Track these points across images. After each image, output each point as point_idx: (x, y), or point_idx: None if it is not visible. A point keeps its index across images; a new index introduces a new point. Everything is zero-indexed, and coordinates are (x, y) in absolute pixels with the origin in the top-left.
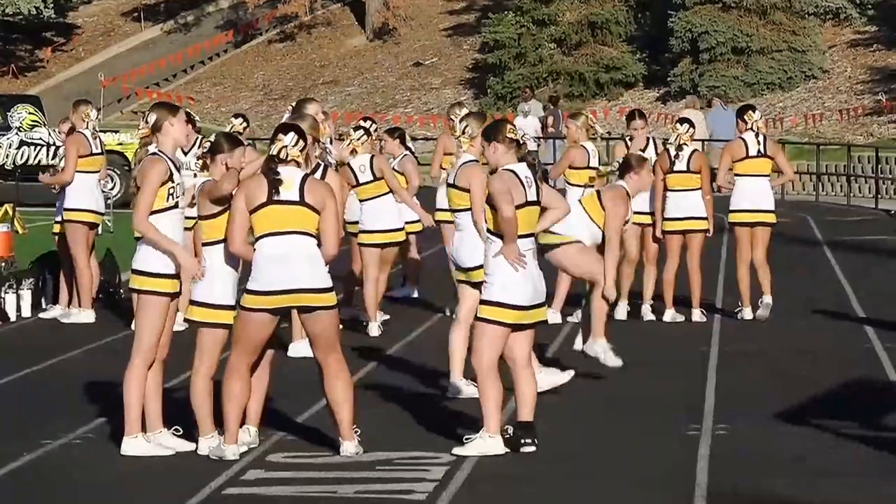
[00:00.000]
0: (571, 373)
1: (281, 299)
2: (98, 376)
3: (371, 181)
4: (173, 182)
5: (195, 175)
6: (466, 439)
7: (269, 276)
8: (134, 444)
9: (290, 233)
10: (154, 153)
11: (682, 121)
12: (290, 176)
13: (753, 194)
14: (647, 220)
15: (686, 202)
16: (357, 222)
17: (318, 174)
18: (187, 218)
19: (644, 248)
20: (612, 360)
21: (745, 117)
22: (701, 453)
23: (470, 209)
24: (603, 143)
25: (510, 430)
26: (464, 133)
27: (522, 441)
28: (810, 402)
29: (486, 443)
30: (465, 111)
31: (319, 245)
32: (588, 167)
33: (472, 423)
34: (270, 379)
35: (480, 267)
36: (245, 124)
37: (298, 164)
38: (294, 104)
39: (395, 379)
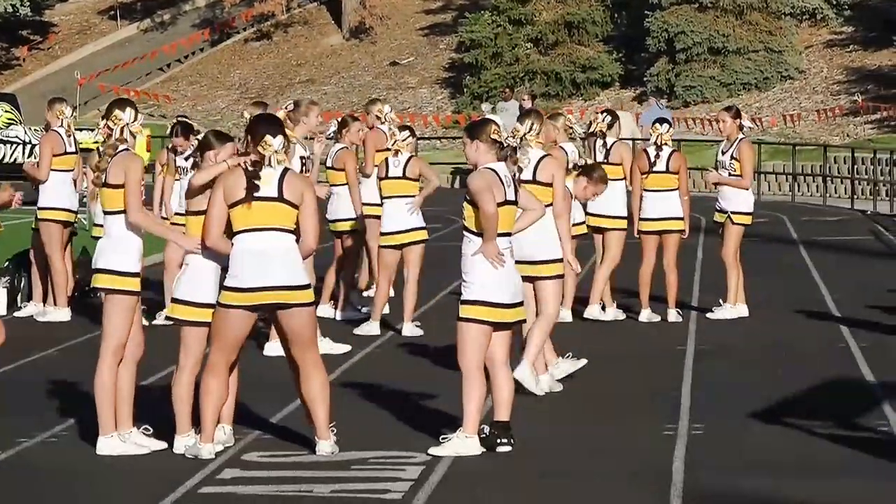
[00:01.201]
0: (584, 361)
1: (258, 296)
2: (73, 375)
3: (399, 178)
4: (143, 181)
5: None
6: (443, 439)
7: (247, 272)
8: (109, 444)
9: (269, 229)
10: (127, 149)
11: (662, 121)
12: (270, 172)
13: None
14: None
15: (663, 203)
16: (348, 220)
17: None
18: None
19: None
20: (534, 388)
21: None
22: (677, 453)
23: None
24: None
25: (486, 429)
26: (530, 130)
27: (499, 441)
28: (786, 401)
29: (463, 443)
30: (385, 107)
31: (298, 240)
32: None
33: (448, 422)
34: (240, 377)
35: (554, 261)
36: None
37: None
38: (294, 102)
39: (370, 377)
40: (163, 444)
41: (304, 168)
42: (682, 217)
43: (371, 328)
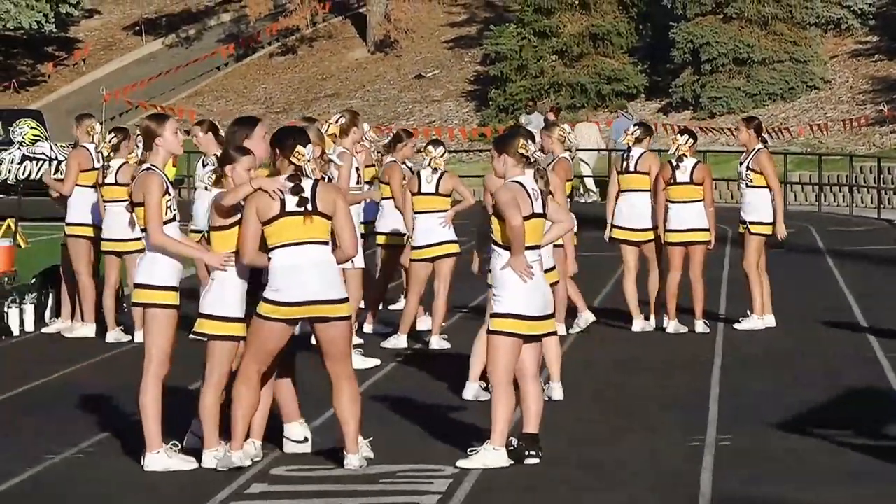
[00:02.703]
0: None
1: (296, 310)
2: (100, 390)
3: (432, 194)
4: (169, 195)
5: (206, 188)
6: (471, 451)
7: (285, 286)
8: (157, 460)
9: (304, 243)
10: (148, 168)
11: (683, 132)
12: (302, 185)
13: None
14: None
15: (688, 214)
16: (384, 234)
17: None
18: (193, 231)
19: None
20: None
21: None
22: (705, 463)
23: None
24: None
25: (515, 441)
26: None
27: (527, 452)
28: (813, 411)
29: (491, 455)
30: (364, 125)
31: (335, 250)
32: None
33: (476, 435)
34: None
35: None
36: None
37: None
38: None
39: (398, 391)
40: (193, 461)
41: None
42: (707, 228)
43: (399, 341)
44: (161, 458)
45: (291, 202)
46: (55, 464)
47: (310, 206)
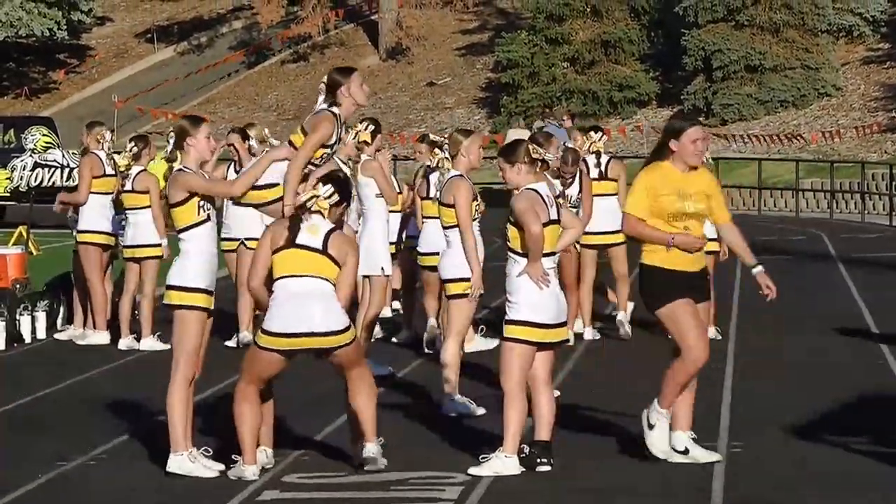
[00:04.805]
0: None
1: (294, 342)
2: (113, 397)
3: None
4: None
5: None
6: (483, 458)
7: (284, 317)
8: (179, 462)
9: (308, 276)
10: (181, 169)
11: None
12: (318, 223)
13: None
14: (605, 239)
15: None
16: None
17: None
18: (225, 239)
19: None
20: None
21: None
22: (716, 470)
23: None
24: None
25: (527, 449)
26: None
27: (539, 460)
28: (825, 417)
29: (502, 462)
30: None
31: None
32: None
33: (488, 442)
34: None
35: (465, 280)
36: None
37: (323, 216)
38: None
39: (409, 397)
40: (220, 466)
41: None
42: (717, 238)
43: (401, 335)
44: (183, 461)
45: (302, 236)
46: (68, 470)
47: (315, 245)
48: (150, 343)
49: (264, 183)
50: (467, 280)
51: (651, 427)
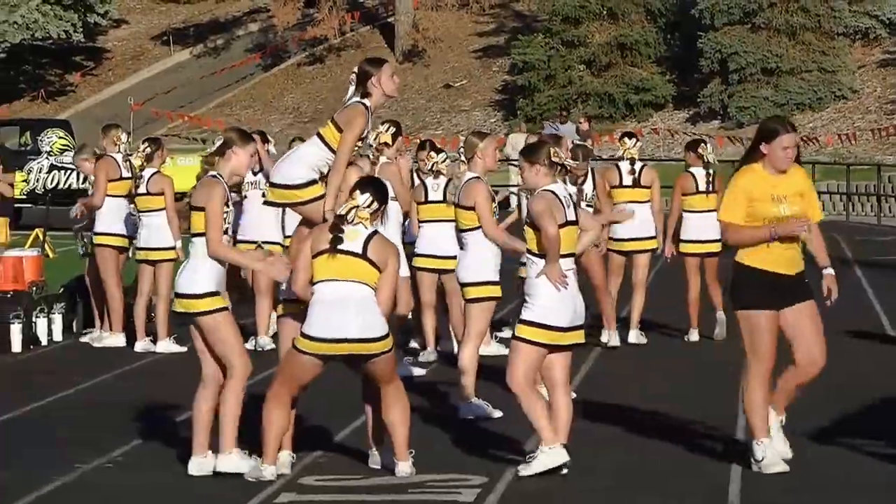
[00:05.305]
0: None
1: (332, 347)
2: (130, 400)
3: (440, 202)
4: (228, 207)
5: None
6: (530, 457)
7: (322, 322)
8: (229, 461)
9: (348, 281)
10: (213, 175)
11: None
12: (356, 229)
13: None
14: (635, 246)
15: (706, 224)
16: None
17: None
18: (241, 242)
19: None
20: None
21: (620, 144)
22: (733, 474)
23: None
24: None
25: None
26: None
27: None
28: (842, 421)
29: (549, 455)
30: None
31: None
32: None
33: (504, 444)
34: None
35: (483, 283)
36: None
37: (365, 226)
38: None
39: (425, 401)
40: (252, 463)
41: None
42: (719, 239)
43: (428, 356)
44: (233, 459)
45: (342, 240)
46: (84, 473)
47: (356, 249)
48: (166, 345)
49: (300, 182)
50: (486, 284)
51: (760, 459)
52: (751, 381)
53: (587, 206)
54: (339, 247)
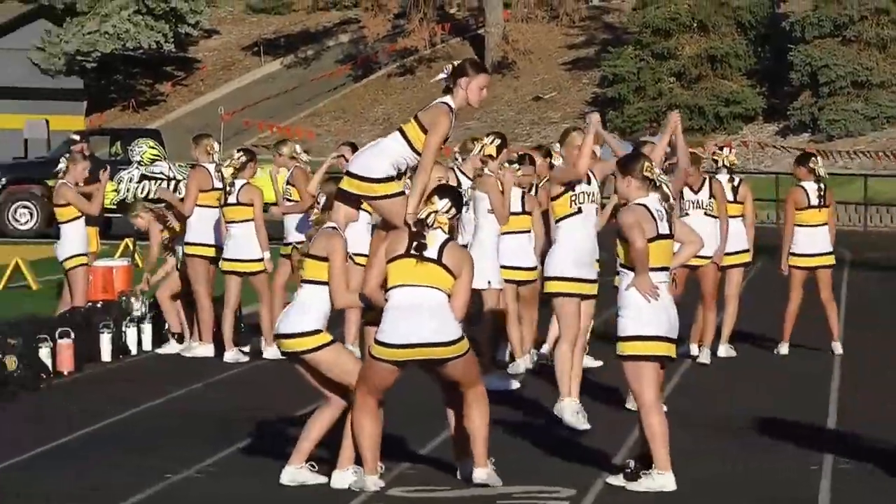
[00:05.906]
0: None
1: (407, 353)
2: (219, 410)
3: (519, 213)
4: (348, 262)
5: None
6: (644, 474)
7: (397, 328)
8: (343, 477)
9: (422, 286)
10: (332, 227)
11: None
12: (434, 234)
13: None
14: (726, 261)
15: (817, 237)
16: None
17: None
18: (285, 244)
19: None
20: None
21: (810, 164)
22: (822, 485)
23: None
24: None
25: (632, 464)
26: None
27: (643, 474)
28: None
29: (657, 480)
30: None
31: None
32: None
33: (594, 457)
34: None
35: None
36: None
37: (444, 231)
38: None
39: (516, 411)
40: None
41: None
42: (832, 252)
43: (518, 366)
44: (347, 476)
45: (417, 245)
46: (174, 483)
47: (430, 255)
48: (233, 355)
49: (379, 176)
50: (563, 279)
51: None
52: None
53: (705, 214)
54: (414, 252)
